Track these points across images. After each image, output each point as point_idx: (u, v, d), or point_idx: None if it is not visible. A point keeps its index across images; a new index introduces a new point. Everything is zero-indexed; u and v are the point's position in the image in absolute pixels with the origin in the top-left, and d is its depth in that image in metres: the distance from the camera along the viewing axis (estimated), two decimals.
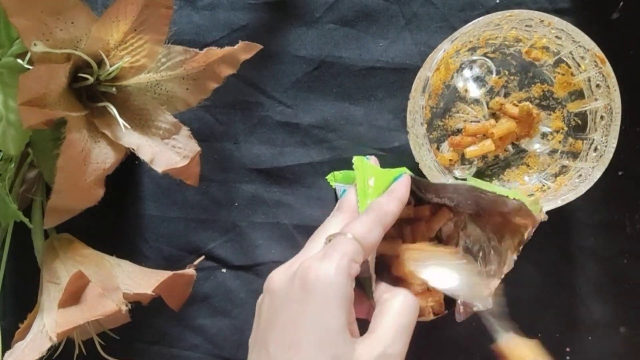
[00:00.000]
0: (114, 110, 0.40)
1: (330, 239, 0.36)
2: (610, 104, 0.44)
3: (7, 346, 0.42)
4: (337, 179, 0.50)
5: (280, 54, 0.50)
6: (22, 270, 0.48)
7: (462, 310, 0.43)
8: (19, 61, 0.38)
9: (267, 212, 0.51)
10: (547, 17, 0.43)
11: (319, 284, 0.33)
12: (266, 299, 0.36)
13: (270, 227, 0.51)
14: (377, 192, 0.40)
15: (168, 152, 0.42)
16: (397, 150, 0.50)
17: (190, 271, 0.44)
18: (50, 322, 0.39)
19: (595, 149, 0.45)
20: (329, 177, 0.51)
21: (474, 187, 0.41)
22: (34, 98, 0.36)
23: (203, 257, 0.48)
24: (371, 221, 0.37)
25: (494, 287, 0.43)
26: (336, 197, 0.51)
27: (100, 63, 0.41)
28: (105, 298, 0.40)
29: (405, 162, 0.50)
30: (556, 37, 0.45)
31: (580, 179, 0.45)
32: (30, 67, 0.37)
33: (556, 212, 0.43)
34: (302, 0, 0.50)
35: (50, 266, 0.43)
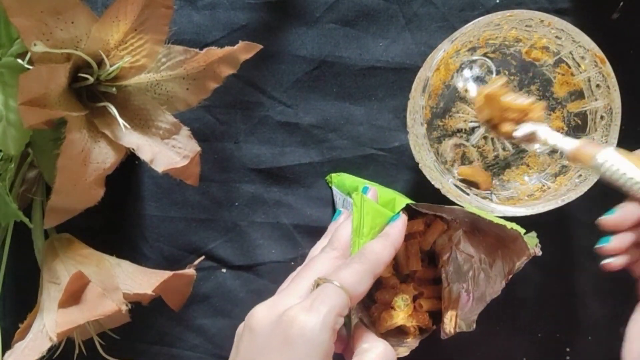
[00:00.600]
0: (114, 110, 0.40)
1: (319, 284, 0.36)
2: (610, 104, 0.44)
3: (7, 346, 0.42)
4: (333, 181, 0.50)
5: (280, 53, 0.50)
6: (22, 270, 0.48)
7: (448, 328, 0.43)
8: (19, 61, 0.38)
9: (267, 212, 0.51)
10: (547, 17, 0.43)
11: (303, 339, 0.33)
12: (246, 335, 0.36)
13: (270, 227, 0.51)
14: (372, 231, 0.40)
15: (168, 152, 0.42)
16: (397, 150, 0.50)
17: (190, 271, 0.44)
18: (50, 322, 0.39)
19: None
20: (327, 177, 0.51)
21: (472, 213, 0.41)
22: (34, 98, 0.36)
23: (203, 257, 0.48)
24: (362, 271, 0.36)
25: (479, 311, 0.43)
26: (333, 199, 0.51)
27: (101, 63, 0.40)
28: (105, 298, 0.40)
29: (405, 162, 0.50)
30: (556, 37, 0.45)
31: (580, 179, 0.44)
32: (30, 67, 0.37)
33: (556, 212, 0.43)
34: (302, 0, 0.50)
35: (50, 266, 0.43)
